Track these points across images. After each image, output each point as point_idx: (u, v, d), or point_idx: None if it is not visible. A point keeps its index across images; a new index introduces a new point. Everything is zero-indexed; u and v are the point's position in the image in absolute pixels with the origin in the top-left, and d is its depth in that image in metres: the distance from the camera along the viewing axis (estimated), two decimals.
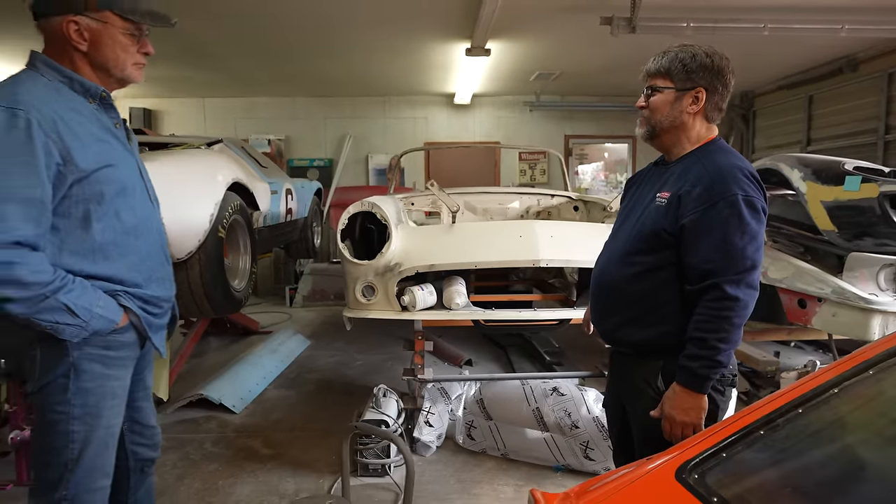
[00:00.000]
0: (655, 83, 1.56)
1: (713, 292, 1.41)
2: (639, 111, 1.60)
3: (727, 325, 1.39)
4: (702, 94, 1.51)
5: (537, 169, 8.85)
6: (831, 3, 4.54)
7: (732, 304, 1.39)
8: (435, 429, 2.99)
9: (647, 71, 1.59)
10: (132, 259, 1.43)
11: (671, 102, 1.53)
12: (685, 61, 1.51)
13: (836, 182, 3.09)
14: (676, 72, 1.52)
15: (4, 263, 1.20)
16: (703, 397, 1.43)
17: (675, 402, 1.44)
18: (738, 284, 1.39)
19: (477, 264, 2.69)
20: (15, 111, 1.24)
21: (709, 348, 1.40)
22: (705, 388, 1.43)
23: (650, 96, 1.57)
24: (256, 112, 8.45)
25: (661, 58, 1.55)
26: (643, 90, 1.60)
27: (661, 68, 1.55)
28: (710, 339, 1.40)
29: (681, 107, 1.52)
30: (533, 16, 4.85)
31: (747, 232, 1.40)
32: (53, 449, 1.38)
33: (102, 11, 1.38)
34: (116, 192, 1.39)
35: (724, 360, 1.42)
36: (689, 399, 1.43)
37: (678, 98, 1.52)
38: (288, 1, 4.46)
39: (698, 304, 1.44)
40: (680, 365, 1.45)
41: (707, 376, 1.42)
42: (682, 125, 1.54)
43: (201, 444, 3.16)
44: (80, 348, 1.36)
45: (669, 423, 1.45)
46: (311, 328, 5.78)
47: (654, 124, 1.56)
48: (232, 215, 3.08)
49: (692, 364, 1.42)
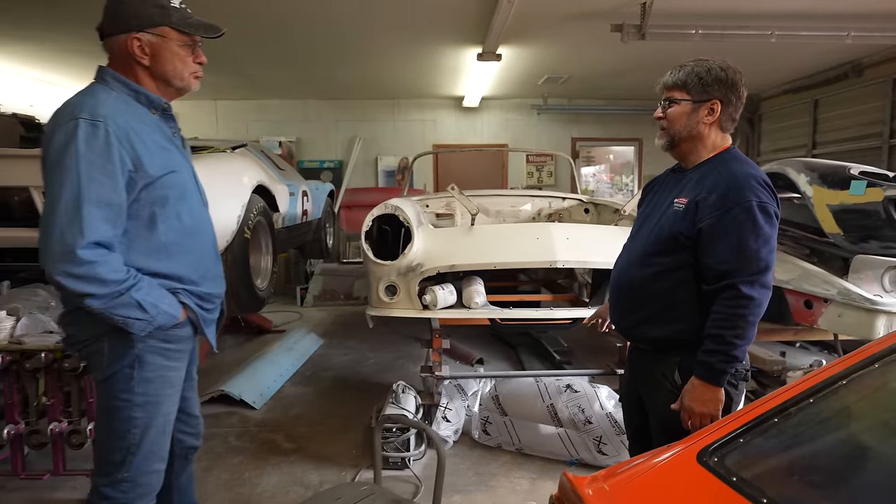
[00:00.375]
0: (673, 95, 1.65)
1: (729, 292, 1.50)
2: (656, 121, 1.70)
3: (743, 323, 1.49)
4: (717, 105, 1.61)
5: (544, 171, 8.96)
6: (837, 10, 4.63)
7: (747, 302, 1.49)
8: (452, 424, 3.09)
9: (664, 83, 1.69)
10: (190, 258, 1.55)
11: (688, 114, 1.63)
12: (701, 75, 1.60)
13: (842, 186, 3.17)
14: (693, 84, 1.61)
15: (88, 263, 1.32)
16: (720, 390, 1.53)
17: (695, 395, 1.54)
18: (753, 284, 1.49)
19: (496, 265, 2.79)
20: (96, 123, 1.36)
21: (726, 344, 1.50)
22: (722, 382, 1.52)
23: (668, 108, 1.66)
24: (268, 114, 8.58)
25: (678, 71, 1.65)
26: (660, 102, 1.69)
27: (678, 81, 1.64)
28: (726, 335, 1.50)
29: (697, 118, 1.62)
30: (544, 22, 4.96)
31: (761, 235, 1.50)
32: (117, 433, 1.49)
33: (160, 27, 1.50)
34: (178, 195, 1.51)
35: (740, 356, 1.51)
36: (708, 392, 1.53)
37: (695, 109, 1.62)
38: (308, 9, 4.58)
39: (715, 303, 1.53)
40: (698, 360, 1.54)
41: (724, 370, 1.51)
42: (699, 135, 1.64)
43: (225, 437, 3.27)
44: (143, 341, 1.47)
45: (689, 414, 1.55)
46: (323, 327, 5.89)
47: (673, 134, 1.66)
48: (256, 217, 3.19)
49: (710, 359, 1.52)
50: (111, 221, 1.37)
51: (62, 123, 1.38)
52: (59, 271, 1.32)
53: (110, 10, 1.49)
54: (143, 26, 1.48)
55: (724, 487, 1.06)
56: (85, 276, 1.32)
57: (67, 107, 1.42)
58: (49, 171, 1.37)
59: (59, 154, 1.35)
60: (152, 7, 1.48)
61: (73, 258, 1.32)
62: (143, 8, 1.47)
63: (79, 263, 1.32)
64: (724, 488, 1.06)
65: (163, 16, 1.49)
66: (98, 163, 1.35)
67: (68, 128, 1.36)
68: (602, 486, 1.18)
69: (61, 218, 1.33)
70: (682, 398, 1.58)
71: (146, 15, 1.48)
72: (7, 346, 2.48)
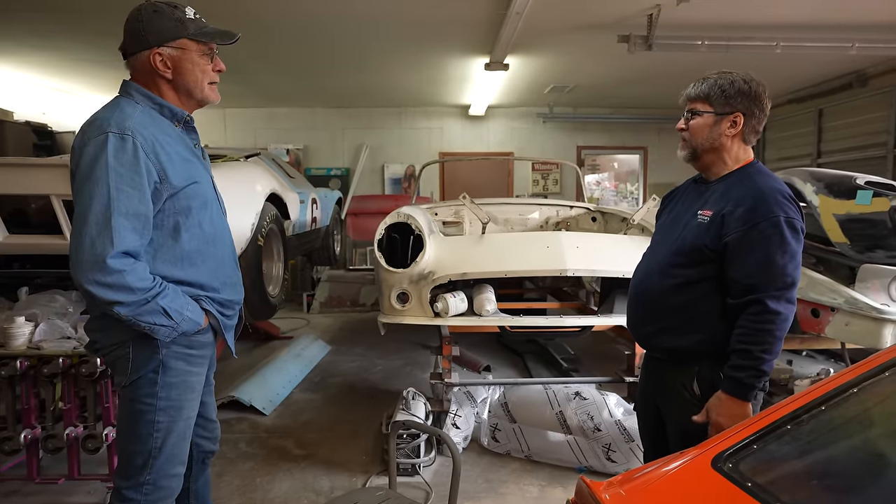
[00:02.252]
0: (695, 107, 1.66)
1: (755, 306, 1.51)
2: (679, 132, 1.71)
3: (770, 338, 1.50)
4: (739, 118, 1.62)
5: (550, 179, 9.00)
6: (842, 21, 4.67)
7: (774, 317, 1.50)
8: (461, 431, 3.11)
9: (687, 95, 1.70)
10: (211, 265, 1.59)
11: (710, 125, 1.64)
12: (724, 87, 1.62)
13: (848, 196, 3.20)
14: (715, 97, 1.63)
15: (117, 272, 1.36)
16: (748, 405, 1.53)
17: (722, 410, 1.54)
18: (779, 300, 1.50)
19: (507, 273, 2.82)
20: (124, 136, 1.41)
21: (753, 359, 1.50)
22: (750, 397, 1.53)
23: (690, 119, 1.68)
24: (276, 122, 8.67)
25: (701, 84, 1.66)
26: (683, 114, 1.71)
27: (700, 93, 1.66)
28: (754, 350, 1.50)
29: (720, 130, 1.63)
30: (552, 33, 5.02)
31: (788, 251, 1.51)
32: (140, 437, 1.53)
33: (179, 39, 1.55)
34: (200, 205, 1.56)
35: (768, 370, 1.52)
36: (735, 406, 1.53)
37: (717, 122, 1.63)
38: (320, 21, 4.65)
39: (741, 318, 1.54)
40: (726, 375, 1.55)
41: (752, 385, 1.52)
42: (721, 147, 1.65)
43: (236, 443, 3.30)
44: (167, 347, 1.51)
45: (716, 428, 1.54)
46: (330, 334, 5.92)
47: (696, 146, 1.67)
48: (269, 224, 3.24)
49: (738, 374, 1.52)
50: (139, 231, 1.41)
51: (92, 137, 1.43)
52: (89, 280, 1.36)
53: (131, 30, 1.54)
54: (163, 41, 1.53)
55: (739, 492, 1.08)
56: (114, 285, 1.36)
57: (96, 121, 1.47)
58: (79, 183, 1.42)
59: (90, 167, 1.40)
60: (169, 21, 1.53)
61: (102, 267, 1.36)
62: (162, 23, 1.52)
63: (108, 272, 1.36)
64: (738, 493, 1.08)
65: (180, 28, 1.54)
66: (127, 175, 1.39)
67: (98, 142, 1.41)
68: (618, 491, 1.21)
69: (91, 228, 1.37)
70: (708, 411, 1.57)
71: (165, 29, 1.52)
72: (25, 351, 2.52)
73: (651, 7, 4.33)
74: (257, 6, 4.30)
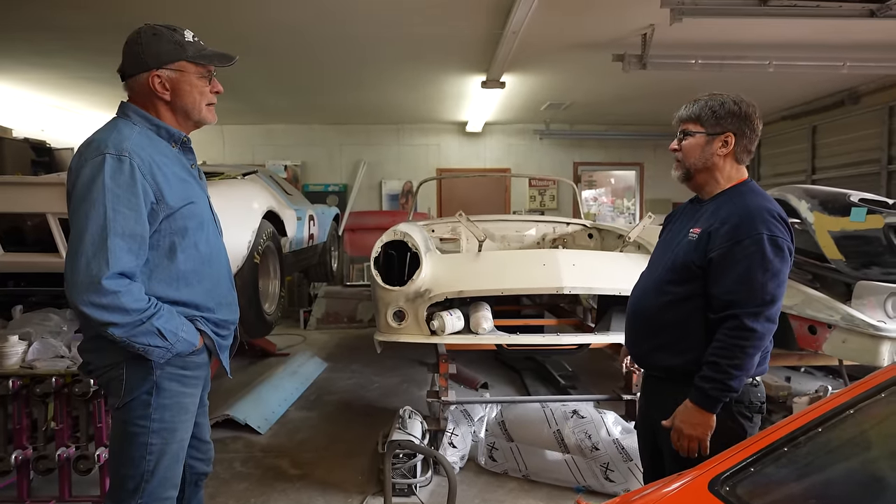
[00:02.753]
0: (687, 128, 1.69)
1: (732, 321, 1.52)
2: (672, 152, 1.74)
3: (741, 354, 1.50)
4: (731, 138, 1.65)
5: (547, 195, 9.04)
6: (833, 40, 4.74)
7: (749, 334, 1.50)
8: (458, 450, 3.08)
9: (679, 117, 1.73)
10: (207, 285, 1.59)
11: (702, 146, 1.67)
12: (714, 108, 1.65)
13: (843, 213, 3.22)
14: (706, 118, 1.66)
15: (112, 293, 1.36)
16: (711, 416, 1.54)
17: (685, 417, 1.56)
18: (757, 317, 1.51)
19: (504, 291, 2.83)
20: (121, 157, 1.41)
21: (722, 372, 1.51)
22: (715, 409, 1.54)
23: (682, 140, 1.70)
24: (274, 139, 8.71)
25: (693, 105, 1.69)
26: (676, 134, 1.73)
27: (692, 115, 1.69)
28: (723, 364, 1.51)
29: (711, 149, 1.66)
30: (547, 52, 5.08)
31: (769, 269, 1.52)
32: (132, 460, 1.51)
33: (178, 62, 1.56)
34: (196, 225, 1.56)
35: (736, 386, 1.52)
36: (698, 416, 1.54)
37: (709, 142, 1.66)
38: (318, 40, 4.70)
39: (718, 331, 1.55)
40: (694, 384, 1.56)
41: (717, 398, 1.53)
42: (713, 166, 1.67)
43: (230, 463, 3.26)
44: (161, 368, 1.50)
45: (677, 434, 1.57)
46: (327, 351, 5.88)
47: (688, 166, 1.70)
48: (266, 242, 3.24)
49: (705, 385, 1.53)
50: (135, 252, 1.41)
51: (89, 159, 1.43)
52: (83, 301, 1.36)
53: (130, 52, 1.55)
54: (162, 63, 1.54)
55: None
56: (109, 306, 1.36)
57: (93, 142, 1.48)
58: (76, 204, 1.42)
59: (87, 188, 1.40)
60: (168, 44, 1.54)
61: (97, 288, 1.35)
62: (161, 46, 1.54)
63: (103, 293, 1.36)
64: None
65: (179, 51, 1.56)
66: (123, 196, 1.40)
67: (95, 163, 1.41)
68: None
69: (87, 249, 1.37)
70: (673, 417, 1.60)
71: (164, 52, 1.54)
72: (18, 370, 2.50)
73: (645, 27, 4.40)
74: (255, 26, 4.34)
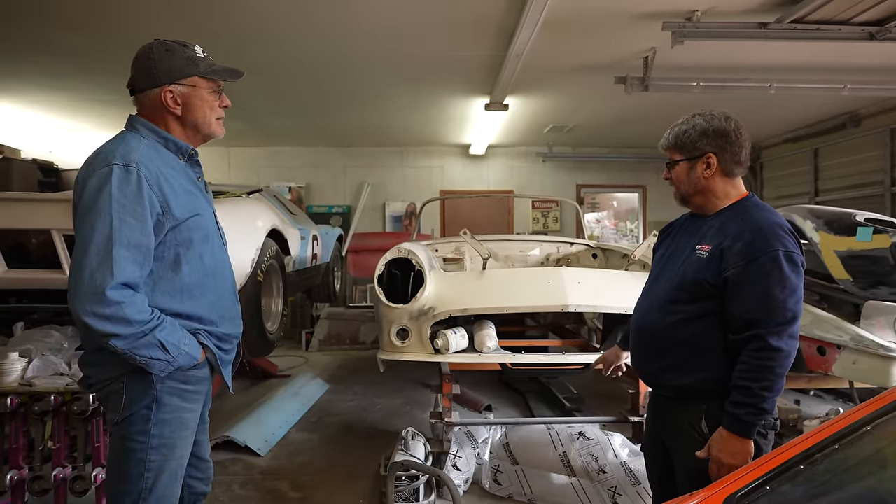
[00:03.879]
0: (672, 157, 1.72)
1: (756, 342, 1.49)
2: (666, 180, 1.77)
3: (771, 375, 1.47)
4: (712, 157, 1.64)
5: (550, 217, 9.06)
6: (834, 63, 4.79)
7: (775, 354, 1.47)
8: (462, 472, 3.02)
9: (661, 146, 1.76)
10: (210, 298, 1.58)
11: (687, 171, 1.68)
12: (688, 133, 1.66)
13: (848, 233, 3.20)
14: (682, 144, 1.68)
15: (115, 303, 1.34)
16: (749, 442, 1.50)
17: (723, 446, 1.51)
18: (781, 336, 1.48)
19: (508, 309, 2.80)
20: (129, 168, 1.42)
21: (754, 396, 1.48)
22: (752, 434, 1.50)
23: (670, 169, 1.73)
24: (279, 161, 8.79)
25: (669, 134, 1.73)
26: (665, 163, 1.76)
27: (669, 144, 1.72)
28: (754, 388, 1.47)
29: (696, 174, 1.67)
30: (550, 75, 5.14)
31: (787, 286, 1.49)
32: (130, 477, 1.47)
33: (190, 77, 1.58)
34: (201, 237, 1.55)
35: (769, 408, 1.49)
36: (736, 444, 1.50)
37: (692, 167, 1.67)
38: (323, 62, 4.77)
39: (742, 354, 1.52)
40: (726, 411, 1.52)
41: (753, 423, 1.49)
42: (705, 188, 1.67)
43: (229, 486, 3.19)
44: (162, 382, 1.48)
45: (717, 465, 1.51)
46: (329, 372, 5.83)
47: (683, 193, 1.72)
48: (269, 260, 3.23)
49: (738, 411, 1.49)
50: (139, 263, 1.41)
51: (97, 169, 1.44)
52: (86, 312, 1.34)
53: (142, 67, 1.57)
54: (174, 79, 1.56)
55: None
56: (112, 317, 1.34)
57: (101, 154, 1.48)
58: (82, 214, 1.42)
59: (93, 198, 1.40)
60: (181, 60, 1.57)
61: (101, 299, 1.34)
62: (173, 62, 1.56)
63: (107, 304, 1.34)
64: None
65: (192, 67, 1.58)
66: (130, 206, 1.40)
67: (103, 173, 1.42)
68: None
69: (92, 260, 1.36)
70: (709, 447, 1.54)
71: (176, 68, 1.56)
72: (17, 388, 2.47)
73: (647, 49, 4.45)
74: (260, 48, 4.42)
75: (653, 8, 3.72)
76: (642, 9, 3.74)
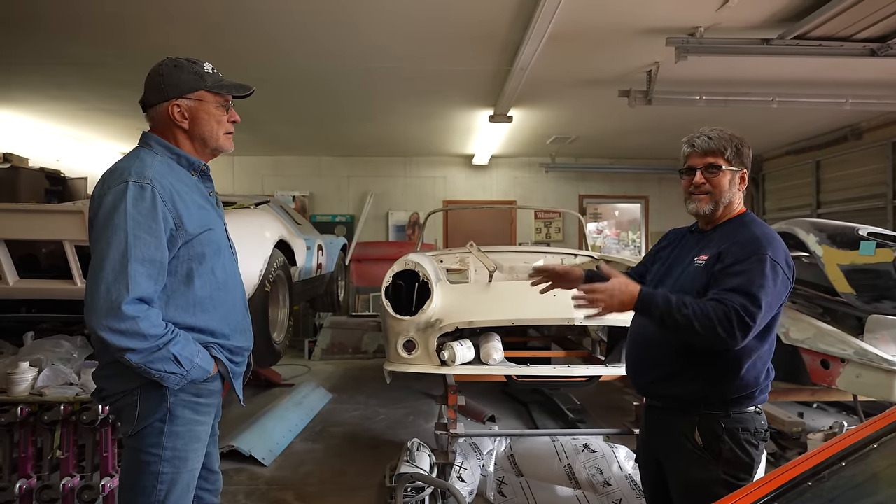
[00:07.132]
0: (716, 162, 1.67)
1: (720, 303, 1.49)
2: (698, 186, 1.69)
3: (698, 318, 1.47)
4: (745, 174, 1.71)
5: (552, 227, 9.09)
6: (835, 78, 4.83)
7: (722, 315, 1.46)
8: (467, 484, 3.02)
9: (700, 148, 1.69)
10: (223, 312, 1.60)
11: (730, 180, 1.69)
12: (737, 144, 1.68)
13: (851, 246, 3.22)
14: (731, 154, 1.67)
15: (131, 318, 1.37)
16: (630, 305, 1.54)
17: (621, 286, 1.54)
18: (739, 313, 1.47)
19: (514, 321, 2.82)
20: (143, 185, 1.45)
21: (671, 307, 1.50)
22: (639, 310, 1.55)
23: (710, 174, 1.68)
24: (283, 170, 8.85)
25: (713, 139, 1.68)
26: (700, 168, 1.69)
27: (717, 148, 1.67)
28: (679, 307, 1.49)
29: (735, 185, 1.69)
30: (554, 88, 5.20)
31: (765, 285, 1.51)
32: (143, 489, 1.49)
33: (197, 91, 1.62)
34: (213, 252, 1.58)
35: (668, 323, 1.51)
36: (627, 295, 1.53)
37: (734, 176, 1.69)
38: (329, 74, 4.83)
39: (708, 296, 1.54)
40: (656, 291, 1.56)
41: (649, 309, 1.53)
42: (731, 201, 1.70)
43: (234, 496, 3.20)
44: (175, 395, 1.50)
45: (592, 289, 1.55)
46: (332, 381, 5.83)
47: (718, 200, 1.69)
48: (276, 271, 3.25)
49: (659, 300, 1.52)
50: (154, 278, 1.43)
51: (112, 186, 1.47)
52: (102, 327, 1.37)
53: (152, 83, 1.61)
54: (181, 93, 1.60)
55: None
56: (127, 332, 1.37)
57: (116, 171, 1.52)
58: (98, 230, 1.45)
59: (109, 215, 1.43)
60: (188, 74, 1.60)
61: (117, 314, 1.37)
62: (181, 77, 1.60)
63: (122, 319, 1.37)
64: None
65: (199, 81, 1.61)
66: (144, 222, 1.43)
67: (118, 190, 1.45)
68: None
69: (108, 275, 1.39)
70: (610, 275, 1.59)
71: (184, 82, 1.60)
72: (27, 397, 2.49)
73: (650, 64, 4.50)
74: (266, 60, 4.47)
75: (657, 24, 3.76)
76: (646, 24, 3.78)
